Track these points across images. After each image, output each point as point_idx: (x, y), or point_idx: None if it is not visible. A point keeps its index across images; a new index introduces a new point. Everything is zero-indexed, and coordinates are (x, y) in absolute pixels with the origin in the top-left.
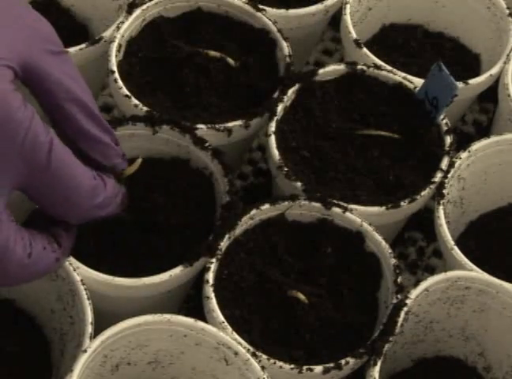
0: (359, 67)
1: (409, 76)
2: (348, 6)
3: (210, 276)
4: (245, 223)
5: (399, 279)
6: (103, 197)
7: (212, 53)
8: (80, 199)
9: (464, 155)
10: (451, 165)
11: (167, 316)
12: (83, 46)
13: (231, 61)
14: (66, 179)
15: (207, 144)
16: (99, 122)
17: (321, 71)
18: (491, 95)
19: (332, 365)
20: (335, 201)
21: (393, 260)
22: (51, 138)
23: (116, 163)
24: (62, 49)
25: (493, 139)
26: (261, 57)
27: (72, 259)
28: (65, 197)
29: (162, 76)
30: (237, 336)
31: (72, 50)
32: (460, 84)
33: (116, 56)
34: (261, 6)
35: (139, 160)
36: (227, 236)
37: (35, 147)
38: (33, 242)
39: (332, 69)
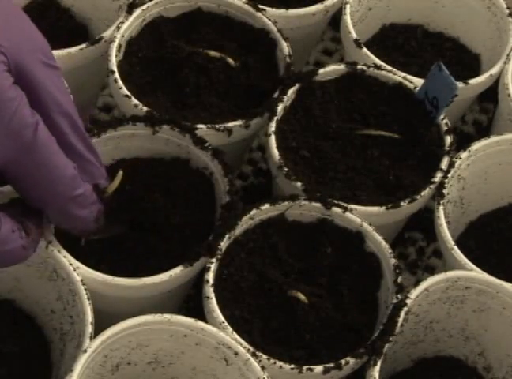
0: (359, 67)
1: (409, 76)
2: (348, 6)
3: (210, 276)
4: (245, 223)
5: (399, 279)
6: (83, 190)
7: (212, 53)
8: (60, 185)
9: (464, 155)
10: (451, 165)
11: (168, 316)
12: (83, 46)
13: (231, 61)
14: (48, 163)
15: (207, 144)
16: (87, 141)
17: (321, 71)
18: (491, 95)
19: (332, 365)
20: (335, 201)
21: (393, 260)
22: (37, 121)
23: (99, 183)
24: (56, 64)
25: (493, 139)
26: (261, 57)
27: (72, 259)
28: (46, 181)
29: (162, 77)
30: (237, 336)
31: (72, 50)
32: (460, 84)
33: (116, 56)
34: (261, 6)
35: (120, 174)
36: (227, 236)
37: (21, 127)
38: (3, 220)
39: (332, 69)
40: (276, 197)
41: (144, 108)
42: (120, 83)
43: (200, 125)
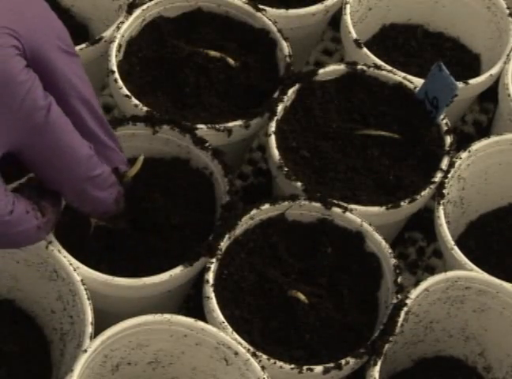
0: (359, 67)
1: (409, 76)
2: (348, 6)
3: (210, 276)
4: (245, 223)
5: (399, 279)
6: (101, 171)
7: (213, 53)
8: (76, 166)
9: (464, 155)
10: (451, 165)
11: (168, 316)
12: (83, 46)
13: (231, 61)
14: (63, 144)
15: (207, 144)
16: (106, 127)
17: (321, 71)
18: (491, 95)
19: (332, 365)
20: (335, 201)
21: (393, 260)
22: (50, 103)
23: (119, 167)
24: (74, 51)
25: (493, 139)
26: (261, 57)
27: (72, 259)
28: (62, 163)
29: (162, 77)
30: (237, 336)
31: None
32: (460, 84)
33: (116, 56)
34: (261, 6)
35: (141, 158)
36: (227, 236)
37: (32, 109)
38: (17, 202)
39: (332, 69)
40: (276, 197)
41: (144, 108)
42: (120, 83)
43: (200, 126)
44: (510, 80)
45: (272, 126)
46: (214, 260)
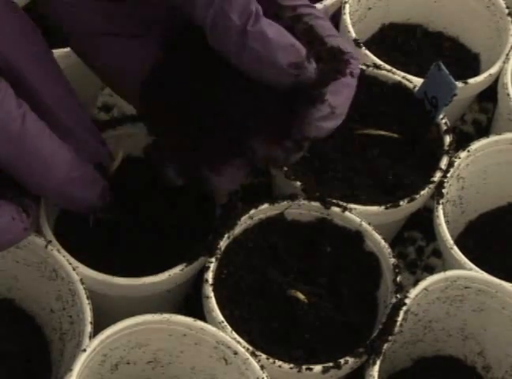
0: None
1: (409, 76)
2: (347, 6)
3: (209, 276)
4: (244, 222)
5: (398, 279)
6: (81, 172)
7: None
8: (55, 170)
9: (463, 154)
10: (450, 164)
11: (167, 315)
12: None
13: None
14: (41, 149)
15: None
16: (85, 124)
17: None
18: (490, 94)
19: (331, 364)
20: (334, 201)
21: (393, 260)
22: (24, 112)
23: (104, 162)
24: (45, 47)
25: (492, 138)
26: None
27: (71, 258)
28: (41, 169)
29: None
30: (236, 336)
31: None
32: (459, 84)
33: None
34: None
35: (120, 154)
36: (226, 235)
37: (7, 120)
38: (1, 211)
39: None
40: (275, 196)
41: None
42: None
43: None
44: (510, 80)
45: None
46: (213, 259)
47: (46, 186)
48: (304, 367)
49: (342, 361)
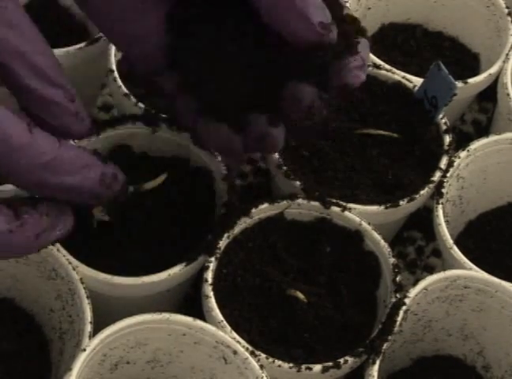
0: None
1: (408, 76)
2: (347, 6)
3: (209, 275)
4: (244, 222)
5: (398, 278)
6: (52, 156)
7: None
8: (17, 156)
9: (463, 154)
10: (450, 164)
11: (166, 315)
12: (82, 45)
13: None
14: None
15: None
16: (47, 77)
17: None
18: (490, 94)
19: (331, 364)
20: (334, 200)
21: (392, 260)
22: None
23: (67, 122)
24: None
25: (492, 138)
26: None
27: (71, 258)
28: (4, 159)
29: None
30: (236, 335)
31: (71, 49)
32: (459, 84)
33: (115, 55)
34: None
35: (162, 177)
36: (226, 235)
37: None
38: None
39: None
40: (275, 196)
41: (143, 107)
42: (119, 82)
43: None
44: (509, 80)
45: None
46: (213, 259)
47: (16, 177)
48: (304, 367)
49: (342, 360)
